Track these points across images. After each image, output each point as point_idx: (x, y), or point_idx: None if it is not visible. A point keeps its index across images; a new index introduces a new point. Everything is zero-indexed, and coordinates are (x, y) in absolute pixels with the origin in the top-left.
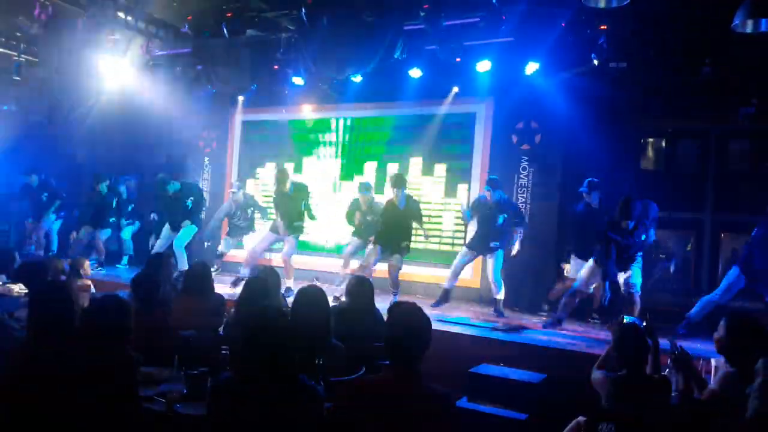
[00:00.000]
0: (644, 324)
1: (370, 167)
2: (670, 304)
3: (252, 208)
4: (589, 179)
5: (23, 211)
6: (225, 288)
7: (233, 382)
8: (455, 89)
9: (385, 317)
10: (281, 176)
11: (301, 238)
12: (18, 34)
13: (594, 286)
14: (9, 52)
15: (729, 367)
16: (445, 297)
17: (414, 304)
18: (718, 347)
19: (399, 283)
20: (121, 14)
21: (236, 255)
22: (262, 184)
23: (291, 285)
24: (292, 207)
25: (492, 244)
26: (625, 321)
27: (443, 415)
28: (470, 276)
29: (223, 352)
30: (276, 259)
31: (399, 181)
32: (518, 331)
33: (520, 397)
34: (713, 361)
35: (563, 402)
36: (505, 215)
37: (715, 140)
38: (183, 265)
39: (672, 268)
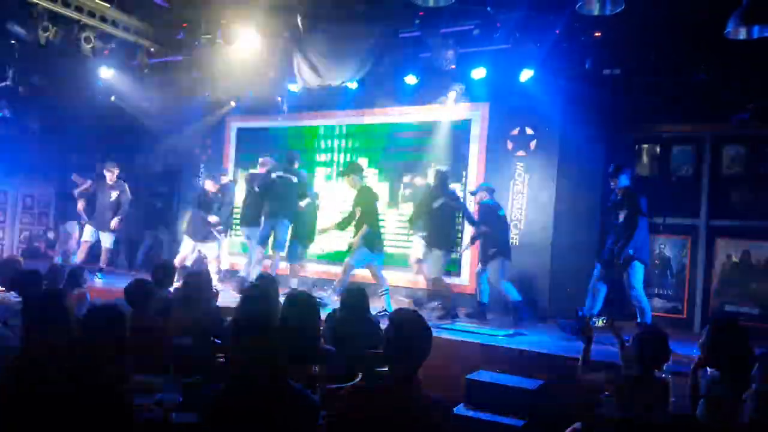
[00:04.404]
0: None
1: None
2: (665, 310)
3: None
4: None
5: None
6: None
7: (225, 392)
8: (452, 96)
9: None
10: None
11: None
12: (13, 41)
13: None
14: (4, 58)
15: (713, 371)
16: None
17: (415, 312)
18: (701, 351)
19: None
20: (117, 21)
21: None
22: None
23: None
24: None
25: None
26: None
27: (441, 423)
28: (467, 282)
29: (220, 359)
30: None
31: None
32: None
33: (517, 403)
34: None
35: (560, 408)
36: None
37: (710, 145)
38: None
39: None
